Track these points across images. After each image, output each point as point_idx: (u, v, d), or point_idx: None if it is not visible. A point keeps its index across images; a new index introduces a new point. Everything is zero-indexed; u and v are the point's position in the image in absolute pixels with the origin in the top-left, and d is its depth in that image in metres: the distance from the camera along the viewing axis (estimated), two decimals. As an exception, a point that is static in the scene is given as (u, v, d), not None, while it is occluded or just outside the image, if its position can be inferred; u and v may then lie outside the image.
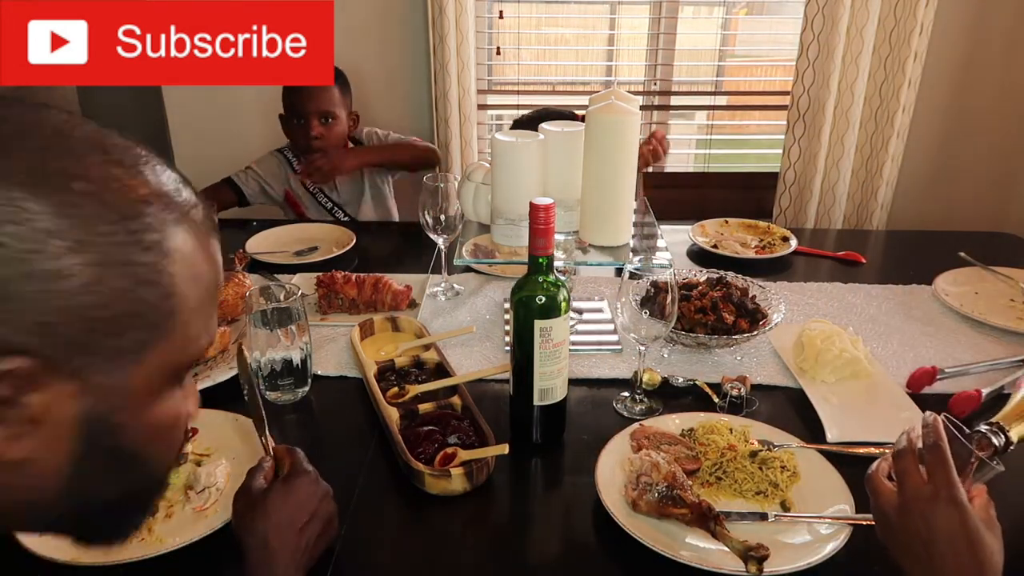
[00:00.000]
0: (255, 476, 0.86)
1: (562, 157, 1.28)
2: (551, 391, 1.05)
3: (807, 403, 1.18)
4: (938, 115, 2.59)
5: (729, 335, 1.28)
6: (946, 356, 1.32)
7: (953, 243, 1.76)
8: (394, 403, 1.14)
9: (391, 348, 1.32)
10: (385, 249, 1.89)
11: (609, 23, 2.79)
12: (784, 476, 0.99)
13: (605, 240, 1.30)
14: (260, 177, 2.17)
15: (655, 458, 0.95)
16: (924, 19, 2.34)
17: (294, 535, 0.81)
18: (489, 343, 1.37)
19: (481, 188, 1.37)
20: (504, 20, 2.61)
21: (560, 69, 2.91)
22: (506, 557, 0.93)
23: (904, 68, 2.39)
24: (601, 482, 0.97)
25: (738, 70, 3.08)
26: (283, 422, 1.17)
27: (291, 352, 1.16)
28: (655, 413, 1.16)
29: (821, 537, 0.90)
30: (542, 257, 1.00)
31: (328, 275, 1.47)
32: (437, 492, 0.98)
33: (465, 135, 2.58)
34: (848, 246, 1.84)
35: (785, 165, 2.57)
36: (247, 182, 2.16)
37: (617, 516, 0.91)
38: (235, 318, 1.38)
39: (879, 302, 1.54)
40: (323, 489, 0.87)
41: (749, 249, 1.79)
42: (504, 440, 1.01)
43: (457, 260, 1.35)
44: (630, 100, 1.24)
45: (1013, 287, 1.58)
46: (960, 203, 2.68)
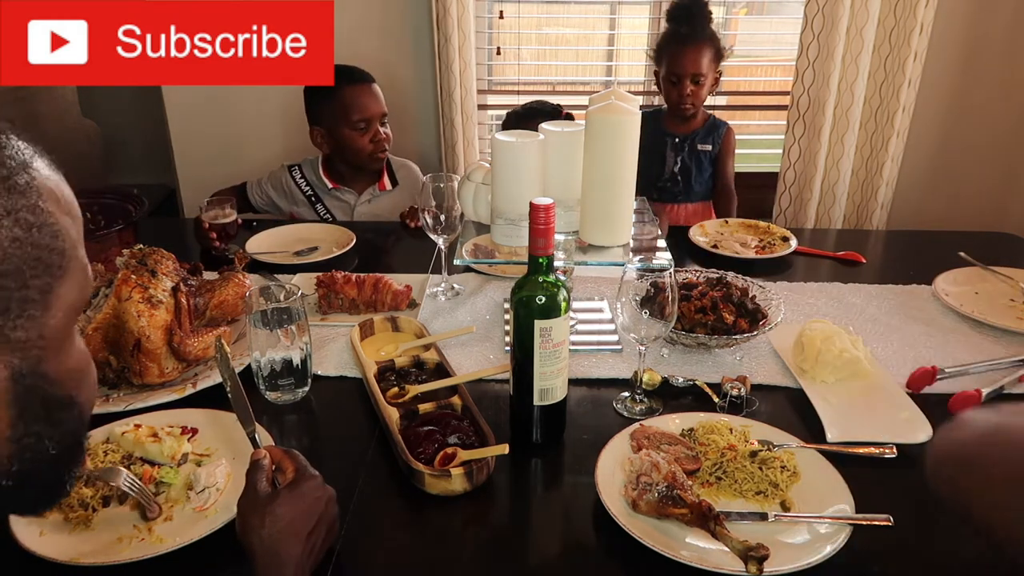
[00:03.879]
0: (258, 479, 0.84)
1: (562, 157, 1.28)
2: (551, 391, 1.05)
3: (807, 403, 1.18)
4: (938, 115, 2.59)
5: (729, 335, 1.28)
6: (946, 356, 1.32)
7: (953, 243, 1.76)
8: (394, 403, 1.14)
9: (391, 348, 1.32)
10: (385, 249, 1.89)
11: (609, 23, 2.79)
12: (784, 476, 0.99)
13: (605, 240, 1.30)
14: (268, 195, 2.18)
15: (655, 458, 0.95)
16: (924, 19, 2.34)
17: (302, 541, 0.80)
18: (489, 343, 1.37)
19: (481, 188, 1.37)
20: (504, 20, 2.61)
21: (560, 69, 2.91)
22: (506, 557, 0.93)
23: (904, 68, 2.39)
24: (601, 482, 0.97)
25: (738, 70, 3.09)
26: (283, 422, 1.17)
27: (291, 352, 1.16)
28: (655, 413, 1.16)
29: (821, 537, 0.90)
30: (542, 257, 1.00)
31: (328, 275, 1.47)
32: (437, 492, 0.98)
33: (467, 135, 2.59)
34: (848, 246, 1.84)
35: (785, 165, 2.57)
36: (258, 196, 2.17)
37: (617, 516, 0.91)
38: (235, 318, 1.38)
39: (879, 302, 1.54)
40: (328, 493, 0.87)
41: (749, 249, 1.79)
42: (504, 440, 1.01)
43: (457, 260, 1.35)
44: (630, 100, 1.24)
45: (1013, 287, 1.58)
46: (960, 203, 2.68)
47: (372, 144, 2.05)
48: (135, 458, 1.02)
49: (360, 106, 2.01)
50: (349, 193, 2.15)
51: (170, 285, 1.25)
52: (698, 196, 2.27)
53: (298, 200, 2.15)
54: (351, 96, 2.00)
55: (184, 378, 1.23)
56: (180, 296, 1.25)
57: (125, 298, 1.19)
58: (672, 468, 0.94)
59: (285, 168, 2.17)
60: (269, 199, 2.17)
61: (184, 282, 1.29)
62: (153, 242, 1.36)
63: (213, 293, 1.35)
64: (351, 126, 2.03)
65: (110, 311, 1.19)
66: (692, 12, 2.10)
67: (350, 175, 2.15)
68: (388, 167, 2.18)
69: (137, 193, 1.77)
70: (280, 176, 2.17)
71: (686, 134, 2.22)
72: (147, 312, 1.19)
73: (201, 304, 1.33)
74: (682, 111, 2.16)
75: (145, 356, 1.18)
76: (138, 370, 1.19)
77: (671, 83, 2.13)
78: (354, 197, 2.15)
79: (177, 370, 1.23)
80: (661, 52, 2.16)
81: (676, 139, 2.21)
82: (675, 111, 2.19)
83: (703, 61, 2.10)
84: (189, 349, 1.21)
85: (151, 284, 1.22)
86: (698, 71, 2.10)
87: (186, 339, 1.21)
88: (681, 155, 2.22)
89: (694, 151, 2.22)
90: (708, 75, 2.12)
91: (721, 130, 2.24)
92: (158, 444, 1.02)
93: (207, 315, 1.34)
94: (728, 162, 2.27)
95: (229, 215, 1.78)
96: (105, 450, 1.02)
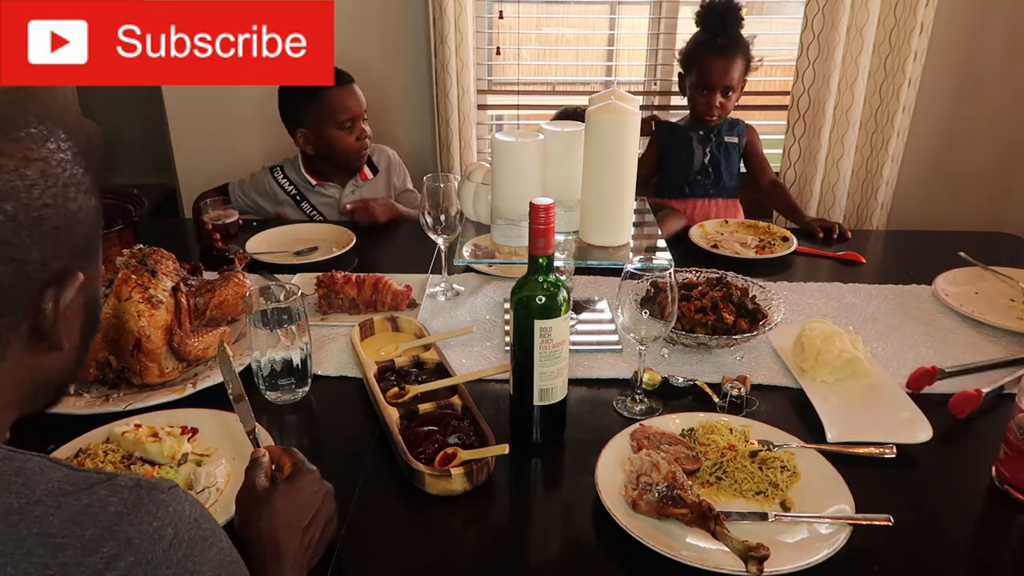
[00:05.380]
0: (256, 474, 0.86)
1: (562, 157, 1.28)
2: (551, 391, 1.05)
3: (807, 403, 1.18)
4: (938, 115, 2.59)
5: (729, 335, 1.28)
6: (946, 356, 1.32)
7: (953, 243, 1.76)
8: (394, 403, 1.14)
9: (391, 348, 1.32)
10: (385, 249, 1.89)
11: (609, 23, 2.79)
12: (784, 476, 0.99)
13: (605, 240, 1.30)
14: (251, 198, 2.17)
15: (655, 458, 0.95)
16: (924, 19, 2.34)
17: (299, 533, 0.82)
18: (489, 343, 1.37)
19: (481, 188, 1.37)
20: (504, 20, 2.61)
21: (560, 69, 2.91)
22: (506, 557, 0.93)
23: (904, 68, 2.39)
24: (601, 482, 0.97)
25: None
26: (283, 422, 1.17)
27: (291, 352, 1.16)
28: (655, 413, 1.16)
29: (821, 537, 0.90)
30: (542, 257, 1.00)
31: (328, 275, 1.47)
32: (437, 492, 0.98)
33: (465, 135, 2.58)
34: (848, 246, 1.84)
35: (785, 165, 2.57)
36: (241, 198, 2.16)
37: (617, 516, 0.91)
38: (235, 318, 1.38)
39: (879, 302, 1.54)
40: (326, 488, 0.88)
41: (749, 249, 1.79)
42: (504, 440, 1.01)
43: (457, 260, 1.35)
44: (630, 100, 1.24)
45: (1013, 287, 1.58)
46: (960, 203, 2.68)
47: (357, 142, 2.07)
48: (135, 458, 1.02)
49: (345, 107, 2.03)
50: (333, 187, 2.16)
51: (170, 285, 1.25)
52: (728, 191, 2.21)
53: (282, 200, 2.15)
54: (337, 98, 2.02)
55: (184, 378, 1.23)
56: (180, 296, 1.25)
57: (125, 298, 1.19)
58: (672, 468, 0.94)
59: (266, 170, 2.17)
60: (253, 201, 2.17)
61: (184, 282, 1.29)
62: (153, 242, 1.36)
63: (213, 293, 1.35)
64: (338, 126, 2.05)
65: (110, 311, 1.19)
66: (726, 19, 2.03)
67: (331, 171, 2.16)
68: (368, 158, 2.20)
69: (137, 193, 1.77)
70: (262, 179, 2.17)
71: (710, 127, 2.16)
72: (147, 312, 1.19)
73: (201, 304, 1.33)
74: (708, 121, 2.12)
75: (145, 356, 1.18)
76: (138, 370, 1.19)
77: (700, 92, 2.07)
78: (338, 191, 2.16)
79: (177, 370, 1.23)
80: (691, 59, 2.08)
81: (701, 132, 2.16)
82: (700, 119, 2.13)
83: (735, 73, 2.04)
84: (189, 349, 1.21)
85: (151, 284, 1.22)
86: (729, 83, 2.04)
87: (186, 339, 1.21)
88: (709, 146, 2.15)
89: (721, 142, 2.16)
90: (738, 86, 2.08)
91: (741, 126, 2.20)
92: (158, 444, 1.02)
93: (207, 315, 1.34)
94: (763, 156, 2.23)
95: (231, 215, 1.78)
96: (105, 450, 1.02)
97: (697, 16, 2.09)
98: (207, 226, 1.74)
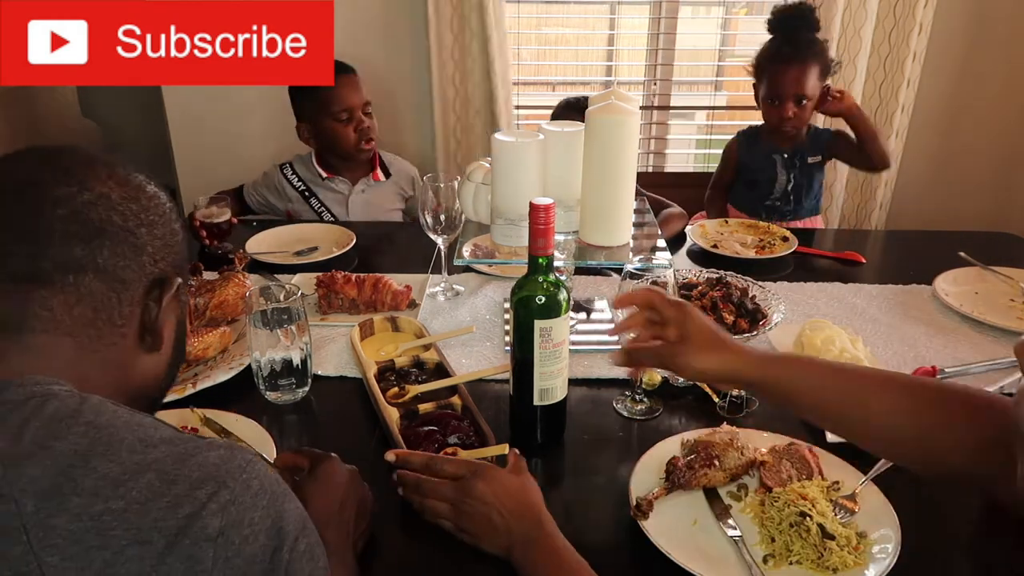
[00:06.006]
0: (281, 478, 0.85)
1: (562, 157, 1.28)
2: (551, 391, 1.05)
3: (807, 403, 1.17)
4: (938, 115, 2.59)
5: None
6: (946, 356, 1.32)
7: (953, 243, 1.76)
8: (394, 403, 1.14)
9: (391, 348, 1.32)
10: (385, 249, 1.89)
11: (609, 23, 2.79)
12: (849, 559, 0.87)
13: (605, 240, 1.30)
14: (263, 196, 2.19)
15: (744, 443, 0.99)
16: (923, 19, 2.34)
17: (337, 523, 0.82)
18: (489, 343, 1.37)
19: (481, 188, 1.37)
20: (504, 20, 2.60)
21: (560, 69, 2.91)
22: (506, 557, 0.93)
23: (903, 68, 2.39)
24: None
25: (738, 70, 3.07)
26: (283, 422, 1.16)
27: (291, 352, 1.16)
28: (655, 413, 1.16)
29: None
30: (542, 257, 0.99)
31: (328, 275, 1.47)
32: (437, 492, 0.98)
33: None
34: (848, 246, 1.84)
35: (785, 165, 2.57)
36: (255, 198, 2.19)
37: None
38: (235, 318, 1.38)
39: (879, 302, 1.54)
40: (350, 471, 0.89)
41: (749, 249, 1.79)
42: (504, 440, 1.01)
43: (457, 260, 1.35)
44: (630, 100, 1.23)
45: (1013, 287, 1.58)
46: (960, 203, 2.68)
47: (356, 133, 2.07)
48: (135, 458, 1.02)
49: (340, 97, 2.02)
50: (343, 183, 2.16)
51: (170, 285, 1.25)
52: (806, 212, 2.12)
53: (292, 197, 2.15)
54: (332, 89, 2.02)
55: (184, 378, 1.23)
56: (180, 296, 1.24)
57: (125, 298, 1.18)
58: None
59: (277, 167, 2.18)
60: (265, 200, 2.18)
61: (184, 282, 1.29)
62: (153, 242, 1.36)
63: (213, 293, 1.35)
64: (334, 118, 2.05)
65: (110, 311, 1.18)
66: (798, 24, 1.89)
67: (340, 165, 2.16)
68: (380, 160, 2.20)
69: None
70: (273, 176, 2.18)
71: (793, 148, 2.05)
72: (147, 312, 1.19)
73: (201, 304, 1.33)
74: (783, 134, 2.01)
75: (145, 356, 1.18)
76: (138, 370, 1.19)
77: (771, 103, 1.96)
78: (348, 187, 2.16)
79: (177, 370, 1.23)
80: (761, 69, 1.97)
81: (785, 155, 2.04)
82: (775, 133, 2.03)
83: (808, 82, 1.90)
84: (189, 349, 1.21)
85: (151, 284, 1.22)
86: (802, 92, 1.91)
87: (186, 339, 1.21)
88: (793, 172, 2.05)
89: (805, 166, 2.05)
90: (813, 94, 1.93)
91: (824, 136, 2.07)
92: (158, 444, 1.02)
93: (207, 315, 1.34)
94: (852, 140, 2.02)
95: (221, 214, 1.77)
96: (105, 450, 1.02)
97: (768, 23, 1.96)
98: (195, 222, 1.74)
